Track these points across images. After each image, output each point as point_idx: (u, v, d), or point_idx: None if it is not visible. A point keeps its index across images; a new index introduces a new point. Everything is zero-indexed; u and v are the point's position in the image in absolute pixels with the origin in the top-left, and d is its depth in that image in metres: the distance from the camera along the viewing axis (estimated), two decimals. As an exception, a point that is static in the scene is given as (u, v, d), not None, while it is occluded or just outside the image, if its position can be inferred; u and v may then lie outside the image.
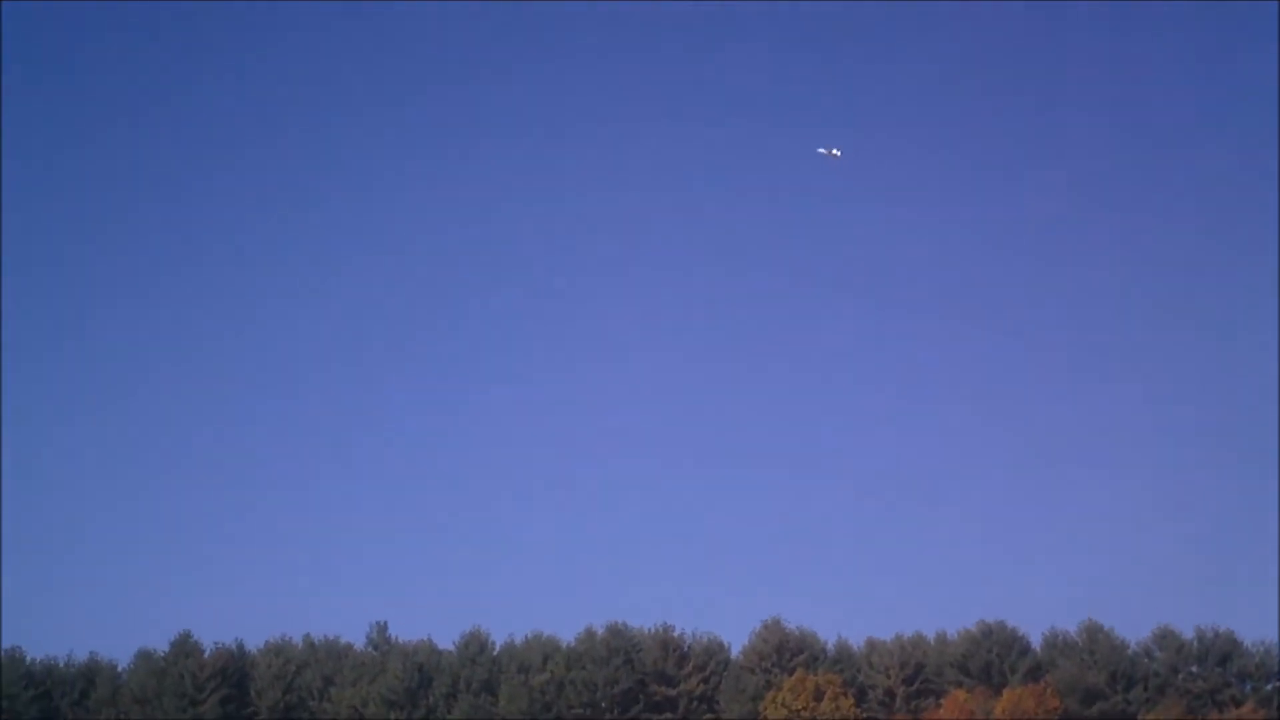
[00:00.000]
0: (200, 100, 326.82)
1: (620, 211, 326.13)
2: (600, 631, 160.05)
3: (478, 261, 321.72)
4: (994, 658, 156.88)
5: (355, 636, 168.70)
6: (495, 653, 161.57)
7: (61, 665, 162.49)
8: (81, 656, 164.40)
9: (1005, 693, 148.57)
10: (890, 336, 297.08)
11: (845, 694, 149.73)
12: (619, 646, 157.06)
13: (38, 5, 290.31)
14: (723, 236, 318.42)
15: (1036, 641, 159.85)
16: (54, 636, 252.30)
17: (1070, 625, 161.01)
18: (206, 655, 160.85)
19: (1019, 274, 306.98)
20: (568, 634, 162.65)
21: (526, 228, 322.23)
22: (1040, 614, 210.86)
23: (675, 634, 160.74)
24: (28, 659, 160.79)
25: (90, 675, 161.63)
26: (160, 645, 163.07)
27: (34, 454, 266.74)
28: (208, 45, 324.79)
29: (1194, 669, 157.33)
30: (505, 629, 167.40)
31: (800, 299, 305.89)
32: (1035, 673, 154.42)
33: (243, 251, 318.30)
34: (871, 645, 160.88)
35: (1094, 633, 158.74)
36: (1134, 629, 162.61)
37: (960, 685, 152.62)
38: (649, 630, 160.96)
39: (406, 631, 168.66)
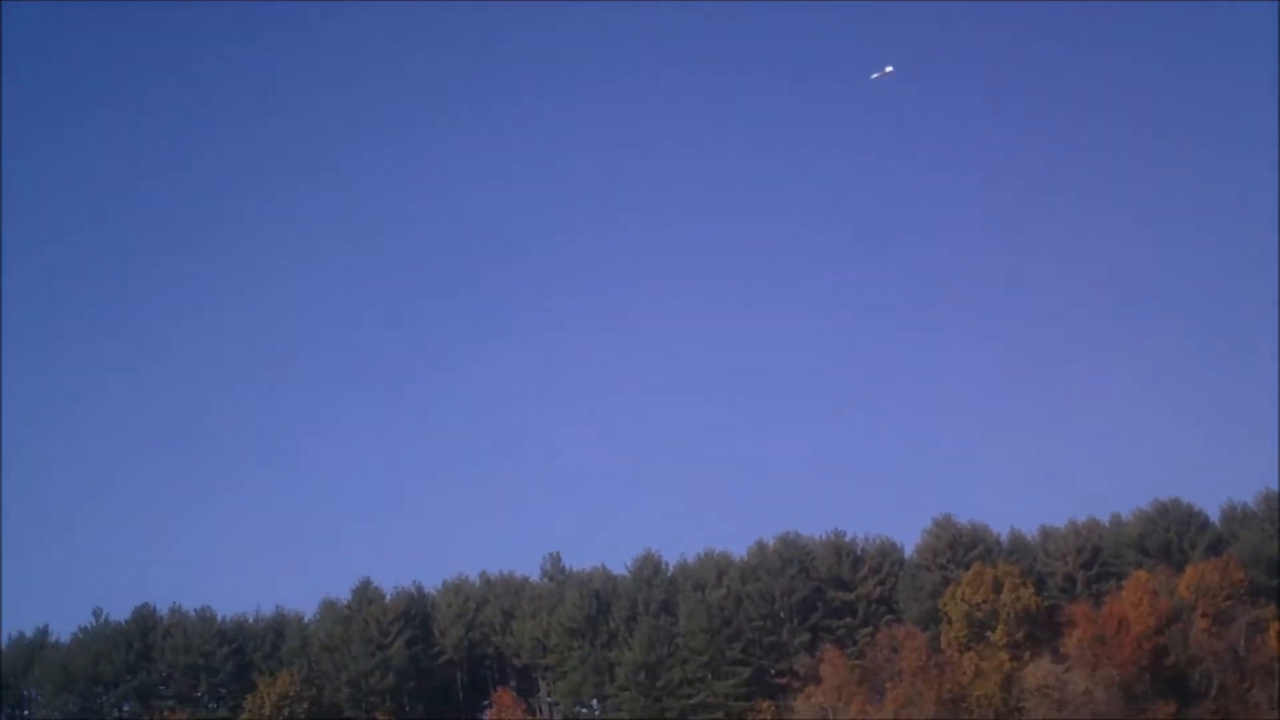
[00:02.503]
0: (200, 98, 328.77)
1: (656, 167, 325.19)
2: (771, 543, 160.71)
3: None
4: (1173, 535, 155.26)
5: (530, 570, 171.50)
6: (670, 574, 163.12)
7: (251, 621, 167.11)
8: (269, 611, 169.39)
9: (1188, 569, 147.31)
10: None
11: (1025, 583, 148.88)
12: (792, 556, 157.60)
13: (37, 5, 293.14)
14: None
15: (1214, 515, 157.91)
16: (242, 594, 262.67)
17: (1247, 496, 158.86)
18: (388, 600, 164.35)
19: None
20: (739, 549, 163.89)
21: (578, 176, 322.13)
22: (1215, 487, 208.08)
23: (847, 539, 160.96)
24: (219, 618, 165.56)
25: (279, 628, 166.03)
26: (342, 594, 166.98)
27: (194, 420, 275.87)
28: (207, 44, 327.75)
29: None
30: (676, 550, 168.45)
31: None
32: (1216, 547, 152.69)
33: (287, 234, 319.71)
34: (1046, 533, 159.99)
35: (1273, 502, 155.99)
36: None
37: (1140, 566, 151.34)
38: (820, 538, 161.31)
39: (579, 561, 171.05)
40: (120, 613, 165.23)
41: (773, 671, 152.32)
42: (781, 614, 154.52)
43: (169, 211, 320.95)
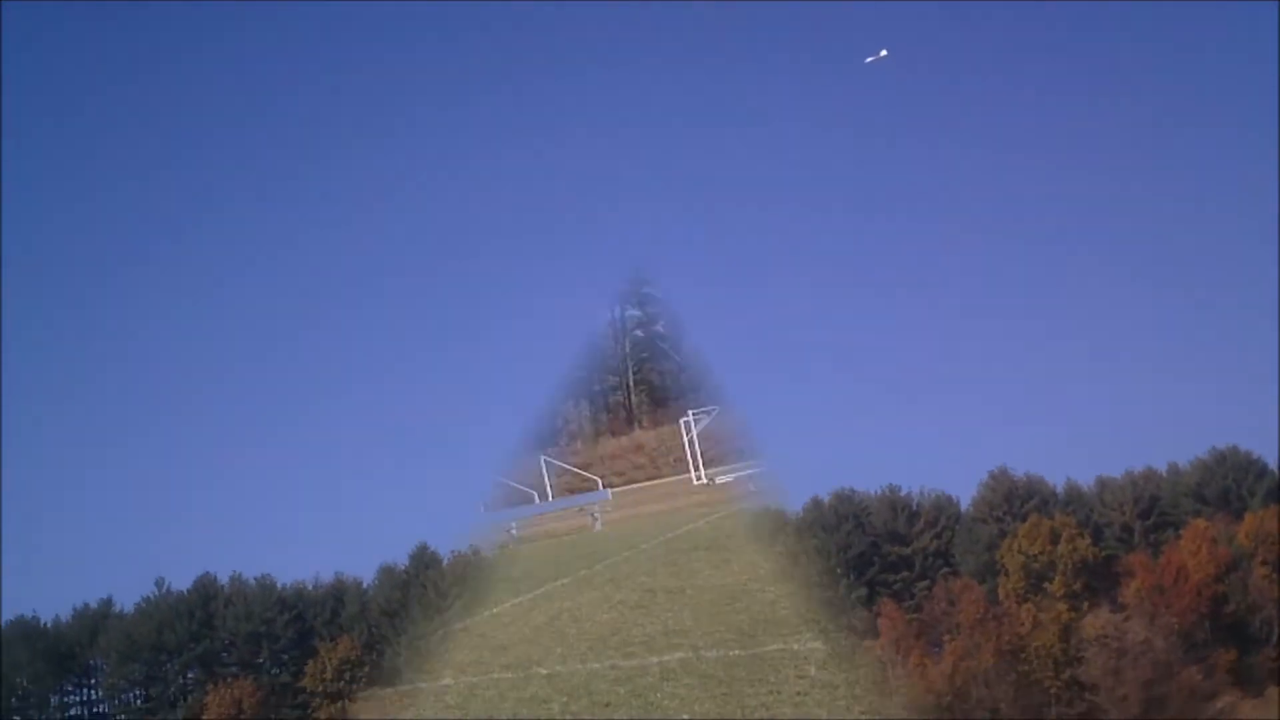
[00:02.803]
0: (199, 98, 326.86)
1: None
2: (827, 499, 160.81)
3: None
4: (1231, 483, 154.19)
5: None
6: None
7: (310, 588, 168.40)
8: (328, 578, 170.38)
9: (1246, 517, 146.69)
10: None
11: (1082, 534, 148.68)
12: (847, 512, 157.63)
13: (37, 6, 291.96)
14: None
15: (1273, 462, 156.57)
16: (300, 561, 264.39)
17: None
18: (445, 564, 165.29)
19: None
20: (794, 505, 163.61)
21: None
22: (1274, 434, 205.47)
23: (902, 494, 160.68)
24: (279, 585, 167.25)
25: (338, 594, 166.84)
26: (400, 560, 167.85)
27: (241, 391, 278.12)
28: (207, 44, 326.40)
29: None
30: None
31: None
32: (1276, 494, 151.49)
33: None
34: (1102, 483, 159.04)
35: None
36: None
37: (1198, 514, 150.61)
38: (875, 494, 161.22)
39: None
40: (182, 583, 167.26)
41: (830, 627, 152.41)
42: (838, 569, 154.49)
43: (169, 211, 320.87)
